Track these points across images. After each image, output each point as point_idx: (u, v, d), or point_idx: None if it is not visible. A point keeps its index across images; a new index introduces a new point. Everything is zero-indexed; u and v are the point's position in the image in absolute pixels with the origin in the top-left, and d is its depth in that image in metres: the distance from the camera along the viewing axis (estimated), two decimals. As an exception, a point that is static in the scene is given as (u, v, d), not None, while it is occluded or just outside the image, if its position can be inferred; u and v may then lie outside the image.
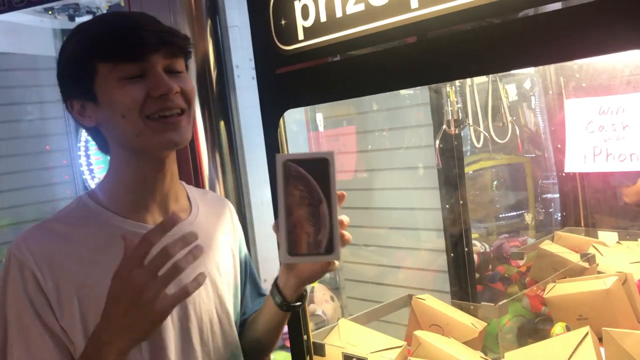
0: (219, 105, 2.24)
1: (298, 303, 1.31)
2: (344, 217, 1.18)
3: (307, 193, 1.10)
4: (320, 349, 1.58)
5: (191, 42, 1.22)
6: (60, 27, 3.05)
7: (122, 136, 1.17)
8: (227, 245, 1.39)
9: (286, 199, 1.11)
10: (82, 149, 3.07)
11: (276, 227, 1.16)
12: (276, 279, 1.32)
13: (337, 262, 1.19)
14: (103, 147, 1.25)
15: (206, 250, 1.25)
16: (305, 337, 1.54)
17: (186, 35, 1.20)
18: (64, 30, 3.03)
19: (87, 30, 1.19)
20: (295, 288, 1.29)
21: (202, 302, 1.26)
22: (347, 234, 1.17)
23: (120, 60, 1.12)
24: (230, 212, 1.46)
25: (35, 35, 2.95)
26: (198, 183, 2.18)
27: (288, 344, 1.63)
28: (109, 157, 1.27)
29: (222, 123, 2.24)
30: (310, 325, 1.58)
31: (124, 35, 1.13)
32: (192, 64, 2.16)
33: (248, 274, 1.47)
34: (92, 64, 1.14)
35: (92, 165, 3.07)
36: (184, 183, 1.37)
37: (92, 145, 2.93)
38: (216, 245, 1.34)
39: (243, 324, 1.45)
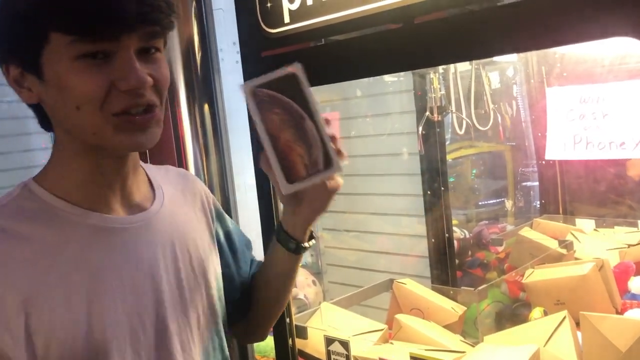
0: (204, 88, 2.22)
1: (313, 241, 1.20)
2: (333, 132, 1.05)
3: (287, 114, 1.02)
4: (302, 332, 1.59)
5: (175, 11, 0.95)
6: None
7: (74, 129, 0.94)
8: (203, 226, 1.19)
9: (266, 127, 1.01)
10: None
11: (264, 161, 1.04)
12: (280, 226, 1.19)
13: (340, 179, 1.11)
14: (46, 125, 1.00)
15: (179, 240, 1.09)
16: (287, 320, 1.55)
17: (172, 4, 0.94)
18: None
19: None
20: (305, 225, 1.16)
21: (175, 300, 1.06)
22: (342, 150, 1.05)
23: (84, 35, 0.86)
24: (199, 186, 1.24)
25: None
26: (181, 167, 2.17)
27: (270, 327, 1.63)
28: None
29: (206, 106, 2.23)
30: (293, 309, 1.59)
31: (95, 2, 0.86)
32: (177, 46, 2.15)
33: (237, 247, 1.29)
34: (43, 30, 0.87)
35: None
36: (142, 164, 1.12)
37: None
38: (190, 230, 1.13)
39: (246, 295, 1.28)
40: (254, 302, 1.30)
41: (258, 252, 1.38)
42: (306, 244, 1.19)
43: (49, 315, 0.90)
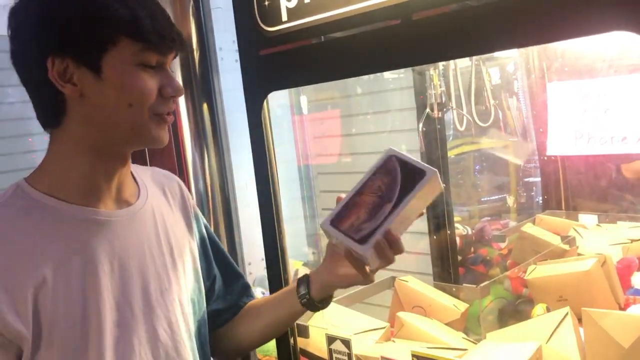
0: (202, 87, 2.22)
1: (320, 303, 1.27)
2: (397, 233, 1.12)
3: (385, 188, 1.10)
4: (304, 331, 1.59)
5: None
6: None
7: (113, 123, 1.05)
8: (183, 223, 1.29)
9: (365, 182, 1.12)
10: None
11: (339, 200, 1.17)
12: (308, 283, 1.28)
13: (372, 276, 1.18)
14: (54, 121, 1.08)
15: (162, 232, 1.20)
16: (289, 319, 1.55)
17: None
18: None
19: None
20: (323, 284, 1.26)
21: (160, 293, 1.16)
22: (387, 247, 1.10)
23: (152, 47, 1.03)
24: (179, 187, 1.34)
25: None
26: (181, 166, 2.17)
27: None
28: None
29: (205, 106, 2.23)
30: (294, 307, 1.58)
31: (159, 22, 1.04)
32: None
33: (211, 250, 1.38)
34: (115, 34, 1.01)
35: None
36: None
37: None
38: (171, 224, 1.24)
39: (225, 314, 1.38)
40: (243, 329, 1.38)
41: (258, 251, 1.37)
42: (316, 301, 1.27)
43: (52, 298, 1.00)
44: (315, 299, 1.26)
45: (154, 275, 1.15)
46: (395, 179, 1.09)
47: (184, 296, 1.22)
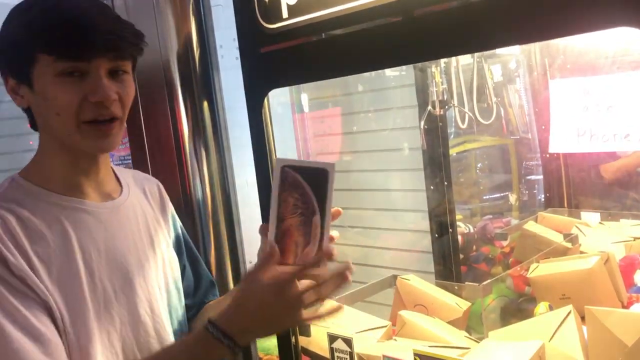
0: (202, 85, 2.21)
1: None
2: (334, 233, 1.12)
3: (302, 202, 1.07)
4: (305, 330, 1.58)
5: (143, 40, 1.17)
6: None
7: (54, 130, 1.15)
8: (161, 220, 1.39)
9: (279, 205, 1.08)
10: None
11: (263, 232, 1.14)
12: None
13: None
14: (34, 126, 1.22)
15: (143, 226, 1.30)
16: (290, 317, 1.54)
17: (138, 34, 1.16)
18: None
19: (33, 15, 1.11)
20: None
21: (141, 279, 1.25)
22: (334, 249, 1.10)
23: (63, 56, 1.08)
24: (159, 188, 1.44)
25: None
26: (181, 164, 2.16)
27: (273, 324, 1.62)
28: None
29: (205, 103, 2.22)
30: (296, 306, 1.58)
31: (70, 31, 1.08)
32: (175, 44, 2.13)
33: (185, 248, 1.46)
34: (33, 52, 1.09)
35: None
36: (113, 166, 1.35)
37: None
38: (149, 220, 1.34)
39: (192, 311, 1.44)
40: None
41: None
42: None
43: (58, 273, 1.11)
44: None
45: (137, 262, 1.25)
46: (304, 189, 1.06)
47: (163, 283, 1.31)
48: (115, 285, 1.19)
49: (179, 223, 1.48)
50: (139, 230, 1.29)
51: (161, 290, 1.30)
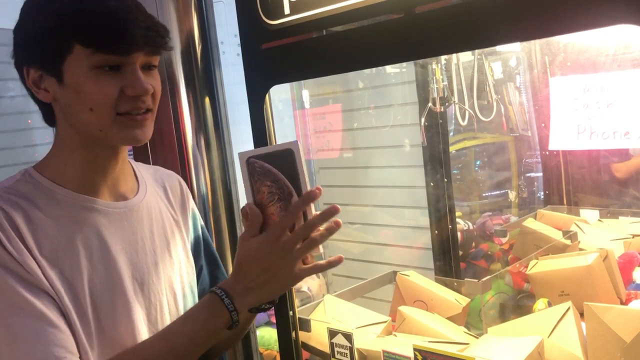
0: (204, 81, 2.21)
1: (270, 305, 1.20)
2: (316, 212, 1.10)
3: (276, 188, 1.07)
4: (305, 325, 1.59)
5: (170, 36, 1.16)
6: None
7: (82, 125, 1.11)
8: (180, 221, 1.35)
9: (254, 197, 1.08)
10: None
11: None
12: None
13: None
14: (50, 120, 1.18)
15: (157, 228, 1.26)
16: (291, 312, 1.55)
17: (168, 30, 1.14)
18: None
19: (68, 5, 1.07)
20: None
21: (152, 283, 1.22)
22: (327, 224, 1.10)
23: (102, 49, 1.05)
24: (180, 185, 1.41)
25: (16, 9, 2.89)
26: (183, 160, 2.16)
27: (274, 320, 1.63)
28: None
29: (207, 99, 2.22)
30: (296, 302, 1.59)
31: (111, 24, 1.05)
32: (177, 40, 2.14)
33: (203, 251, 1.42)
34: (68, 43, 1.05)
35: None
36: (132, 161, 1.33)
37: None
38: (166, 221, 1.30)
39: None
40: None
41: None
42: (265, 306, 1.19)
43: (63, 271, 1.08)
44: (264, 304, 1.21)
45: (149, 265, 1.21)
46: (275, 175, 1.06)
47: (179, 287, 1.28)
48: (125, 290, 1.16)
49: (199, 222, 1.43)
50: (153, 233, 1.25)
51: (176, 294, 1.27)
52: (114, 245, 1.16)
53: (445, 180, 2.20)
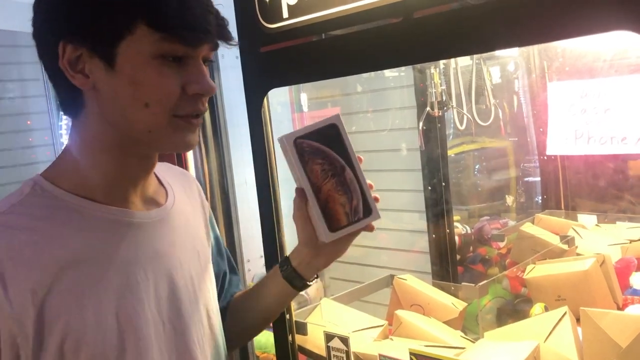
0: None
1: (317, 279, 1.22)
2: (369, 181, 1.11)
3: (328, 164, 1.06)
4: (302, 328, 1.59)
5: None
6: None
7: (128, 123, 0.92)
8: (202, 226, 1.20)
9: (310, 178, 1.06)
10: (65, 127, 3.03)
11: (298, 211, 1.10)
12: (289, 263, 1.20)
13: (373, 225, 1.16)
14: (72, 111, 0.96)
15: (191, 237, 1.11)
16: (287, 316, 1.55)
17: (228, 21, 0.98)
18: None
19: None
20: (321, 268, 1.21)
21: (190, 296, 1.06)
22: (376, 194, 1.12)
23: (172, 35, 0.87)
24: (197, 187, 1.26)
25: (15, 11, 2.90)
26: (181, 163, 2.17)
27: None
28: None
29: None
30: (293, 305, 1.59)
31: (186, 7, 0.88)
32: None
33: (223, 251, 1.33)
34: (132, 20, 0.86)
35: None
36: None
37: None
38: (196, 227, 1.16)
39: (225, 309, 1.27)
40: (233, 322, 1.28)
41: (257, 248, 1.37)
42: (311, 282, 1.22)
43: (69, 315, 0.88)
44: (308, 278, 1.21)
45: (184, 284, 1.05)
46: (324, 151, 1.06)
47: (212, 304, 1.13)
48: (162, 314, 0.99)
49: (216, 227, 1.29)
50: (185, 243, 1.08)
51: (209, 314, 1.11)
52: (150, 263, 0.99)
53: (443, 184, 2.20)
